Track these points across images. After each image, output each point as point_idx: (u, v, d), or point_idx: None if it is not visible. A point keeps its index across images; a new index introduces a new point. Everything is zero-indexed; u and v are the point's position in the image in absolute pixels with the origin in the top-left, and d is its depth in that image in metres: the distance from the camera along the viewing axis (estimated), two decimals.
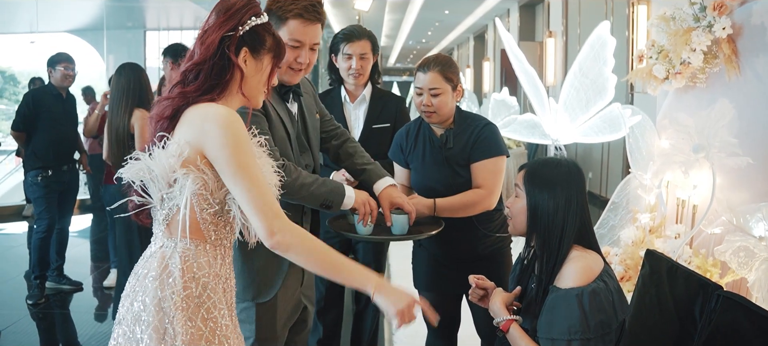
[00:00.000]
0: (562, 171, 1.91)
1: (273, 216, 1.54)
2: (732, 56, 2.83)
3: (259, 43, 1.69)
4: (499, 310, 1.94)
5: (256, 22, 1.68)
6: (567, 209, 1.86)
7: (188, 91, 1.62)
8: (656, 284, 2.13)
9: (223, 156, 1.53)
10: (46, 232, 4.69)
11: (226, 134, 1.53)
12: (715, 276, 2.68)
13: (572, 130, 4.37)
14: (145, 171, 1.58)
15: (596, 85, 4.04)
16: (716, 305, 1.76)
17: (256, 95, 1.72)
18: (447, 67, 2.49)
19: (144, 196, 1.62)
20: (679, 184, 3.00)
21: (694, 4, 2.94)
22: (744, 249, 2.47)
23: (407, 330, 4.06)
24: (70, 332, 4.26)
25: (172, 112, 1.64)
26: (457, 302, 2.71)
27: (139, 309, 1.56)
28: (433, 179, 2.56)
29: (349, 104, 3.12)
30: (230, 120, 1.56)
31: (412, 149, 2.63)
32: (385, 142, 3.03)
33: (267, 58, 1.72)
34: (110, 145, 4.01)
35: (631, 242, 3.16)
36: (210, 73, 1.63)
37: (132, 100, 3.95)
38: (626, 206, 3.42)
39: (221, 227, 1.63)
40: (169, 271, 1.57)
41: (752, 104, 2.78)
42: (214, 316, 1.59)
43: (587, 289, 1.77)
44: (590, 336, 1.74)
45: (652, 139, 3.24)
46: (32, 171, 4.69)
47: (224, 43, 1.63)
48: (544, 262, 1.88)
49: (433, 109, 2.47)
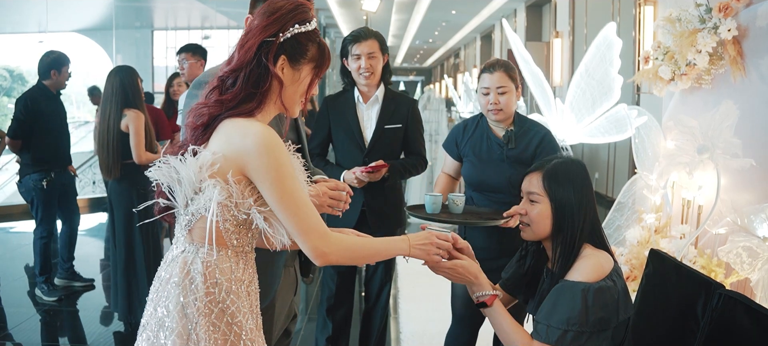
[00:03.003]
0: (576, 167, 1.96)
1: (318, 237, 1.55)
2: (737, 58, 2.84)
3: (300, 52, 1.61)
4: (485, 282, 1.93)
5: (300, 29, 1.60)
6: (587, 206, 1.91)
7: (225, 100, 1.58)
8: (659, 283, 2.15)
9: (267, 181, 1.51)
10: (48, 236, 4.72)
11: (269, 160, 1.50)
12: (719, 276, 2.70)
13: (578, 130, 4.38)
14: (174, 175, 1.56)
15: (602, 86, 4.06)
16: (718, 303, 1.78)
17: (291, 106, 1.65)
18: (510, 67, 2.71)
19: (170, 199, 1.60)
20: (684, 184, 3.02)
21: (700, 6, 2.96)
22: (747, 249, 2.49)
23: (415, 328, 4.10)
24: (79, 330, 4.30)
25: (208, 119, 1.59)
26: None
27: (162, 315, 1.56)
28: (488, 174, 2.69)
29: (362, 105, 3.17)
30: (272, 144, 1.52)
31: (469, 145, 2.77)
32: (396, 142, 3.14)
33: (307, 68, 1.64)
34: (99, 146, 4.06)
35: (637, 242, 3.18)
36: (247, 80, 1.57)
37: (121, 102, 3.98)
38: (632, 206, 3.43)
39: (244, 235, 1.61)
40: (192, 277, 1.56)
41: (757, 106, 2.79)
42: (239, 321, 1.58)
43: (594, 286, 1.80)
44: (586, 330, 1.78)
45: (657, 139, 3.25)
46: (34, 175, 4.62)
47: (262, 49, 1.57)
48: (563, 258, 1.89)
49: (501, 107, 2.65)
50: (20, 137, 4.63)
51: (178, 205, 1.59)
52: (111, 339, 4.04)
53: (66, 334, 4.26)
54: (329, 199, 2.06)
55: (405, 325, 4.21)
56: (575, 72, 4.32)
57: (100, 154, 4.05)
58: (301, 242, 1.55)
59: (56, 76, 4.70)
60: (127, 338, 4.07)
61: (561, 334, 1.79)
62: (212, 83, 1.62)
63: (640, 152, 3.32)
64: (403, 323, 4.26)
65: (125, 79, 4.03)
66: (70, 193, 4.96)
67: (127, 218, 4.04)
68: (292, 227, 1.54)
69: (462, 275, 1.91)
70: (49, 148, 4.67)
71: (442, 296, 3.16)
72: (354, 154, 3.13)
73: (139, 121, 3.97)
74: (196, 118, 1.61)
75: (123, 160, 3.99)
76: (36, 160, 4.64)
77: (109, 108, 4.00)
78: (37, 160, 4.63)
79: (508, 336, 1.88)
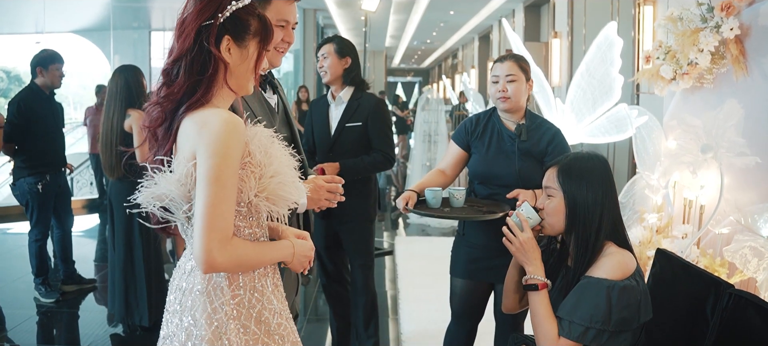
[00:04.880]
0: (595, 164, 1.95)
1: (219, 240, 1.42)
2: (739, 57, 2.83)
3: (243, 28, 1.53)
4: (540, 267, 1.98)
5: (238, 5, 1.52)
6: (604, 200, 1.90)
7: (172, 92, 1.51)
8: (668, 283, 2.14)
9: (208, 164, 1.41)
10: (43, 238, 4.69)
11: (219, 145, 1.42)
12: (722, 276, 2.69)
13: (579, 130, 4.37)
14: (162, 196, 1.50)
15: (603, 85, 4.05)
16: (728, 303, 1.77)
17: (244, 84, 1.58)
18: (521, 59, 2.76)
19: (167, 216, 1.54)
20: (686, 184, 3.00)
21: (702, 5, 2.95)
22: (753, 249, 2.47)
23: (415, 329, 4.08)
24: (76, 332, 4.27)
25: (164, 117, 1.53)
26: (486, 293, 2.82)
27: (189, 324, 1.52)
28: (498, 167, 2.71)
29: (332, 104, 3.47)
30: (230, 129, 1.44)
31: (480, 137, 2.79)
32: (358, 139, 3.39)
33: (253, 43, 1.56)
34: (102, 146, 4.04)
35: (639, 242, 3.17)
36: (191, 68, 1.49)
37: (124, 102, 3.97)
38: (633, 206, 3.42)
39: (254, 226, 1.57)
40: (215, 282, 1.52)
41: (760, 104, 2.78)
42: (267, 318, 1.56)
43: (619, 284, 1.80)
44: (607, 329, 1.77)
45: (658, 139, 3.24)
46: (29, 178, 4.56)
47: (202, 33, 1.49)
48: (579, 255, 1.90)
49: (508, 95, 2.68)
50: (14, 140, 4.56)
51: (178, 219, 1.54)
52: (108, 342, 4.02)
53: (64, 336, 4.24)
54: (326, 192, 2.09)
55: (405, 325, 4.20)
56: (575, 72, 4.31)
57: (103, 153, 4.02)
58: (199, 237, 1.41)
59: (44, 73, 4.60)
60: (125, 340, 4.05)
61: (583, 331, 1.79)
62: (159, 81, 1.56)
63: (641, 152, 3.31)
64: (403, 323, 4.25)
65: (130, 78, 4.01)
66: (65, 195, 4.92)
67: (127, 219, 4.02)
68: (201, 216, 1.41)
69: (527, 252, 1.99)
70: (43, 151, 4.61)
71: (441, 296, 3.15)
72: (322, 151, 3.43)
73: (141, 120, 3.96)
74: (152, 120, 1.55)
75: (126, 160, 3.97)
76: (30, 163, 4.58)
77: (112, 107, 3.98)
78: (31, 164, 4.58)
79: (542, 324, 1.90)
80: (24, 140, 4.55)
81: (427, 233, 7.13)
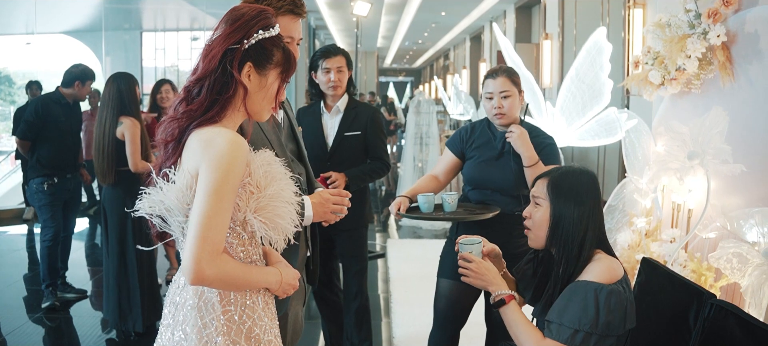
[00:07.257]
0: (584, 180, 1.97)
1: (209, 252, 1.43)
2: (726, 63, 2.87)
3: (266, 57, 1.59)
4: (501, 282, 2.02)
5: (264, 35, 1.58)
6: (589, 219, 1.93)
7: (192, 109, 1.55)
8: (652, 292, 2.18)
9: (209, 178, 1.45)
10: (52, 240, 4.70)
11: (222, 161, 1.46)
12: (709, 280, 2.73)
13: (569, 133, 4.41)
14: (161, 205, 1.53)
15: (593, 89, 4.08)
16: (710, 313, 1.81)
17: (259, 111, 1.63)
18: (513, 73, 2.81)
19: (165, 227, 1.56)
20: (674, 188, 3.04)
21: (690, 12, 2.99)
22: (737, 255, 2.51)
23: (407, 332, 4.11)
24: (72, 336, 4.28)
25: (178, 133, 1.57)
26: (473, 297, 2.83)
27: (179, 339, 1.55)
28: (493, 172, 2.78)
29: (327, 115, 3.49)
30: (234, 148, 1.48)
31: (475, 144, 2.85)
32: (357, 148, 3.45)
33: (274, 73, 1.62)
34: (94, 152, 4.07)
35: (628, 246, 3.21)
36: (212, 89, 1.54)
37: (117, 109, 3.99)
38: (622, 209, 3.46)
39: (248, 245, 1.59)
40: (206, 298, 1.54)
41: (746, 110, 2.82)
42: (257, 334, 1.58)
43: (607, 287, 1.83)
44: (594, 332, 1.80)
45: (647, 143, 3.28)
46: (37, 178, 4.67)
47: (227, 57, 1.55)
48: (562, 268, 1.93)
49: (504, 111, 2.75)
50: (29, 139, 4.73)
51: (175, 232, 1.56)
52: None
53: (59, 341, 4.25)
54: (332, 205, 2.09)
55: (397, 328, 4.22)
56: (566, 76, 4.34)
57: (95, 159, 4.06)
58: (190, 246, 1.43)
59: (80, 87, 4.75)
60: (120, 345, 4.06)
61: (572, 333, 1.82)
62: (179, 95, 1.60)
63: (630, 155, 3.35)
64: (395, 326, 4.27)
65: (123, 86, 4.04)
66: (75, 201, 5.00)
67: (121, 225, 4.04)
68: (195, 226, 1.43)
69: (484, 275, 2.03)
70: (53, 153, 4.71)
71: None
72: (318, 161, 3.33)
73: (135, 129, 3.98)
74: (167, 134, 1.59)
75: (118, 166, 3.99)
76: (39, 163, 4.70)
77: (105, 114, 4.02)
78: (40, 164, 4.69)
79: (521, 335, 1.92)
80: (36, 140, 4.71)
81: (419, 235, 7.15)
